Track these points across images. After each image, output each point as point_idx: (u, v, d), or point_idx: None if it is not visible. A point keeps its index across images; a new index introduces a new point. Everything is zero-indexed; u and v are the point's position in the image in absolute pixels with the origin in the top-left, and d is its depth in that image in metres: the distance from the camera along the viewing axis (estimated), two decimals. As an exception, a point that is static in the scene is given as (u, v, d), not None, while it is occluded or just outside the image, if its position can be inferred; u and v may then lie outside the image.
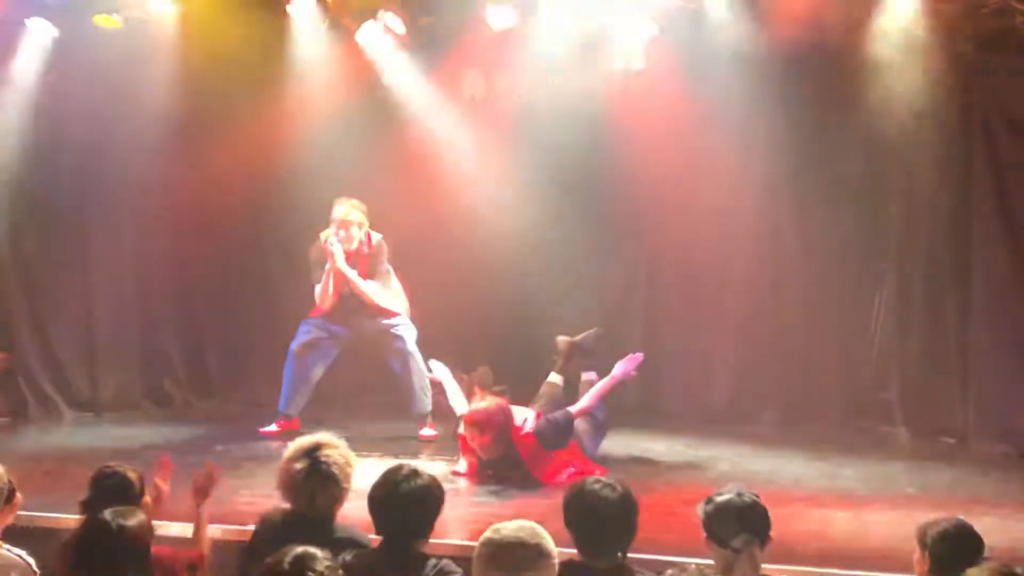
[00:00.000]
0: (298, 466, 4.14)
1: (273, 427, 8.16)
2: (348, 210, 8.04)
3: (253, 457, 7.41)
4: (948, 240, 8.06)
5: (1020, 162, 7.73)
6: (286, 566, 3.08)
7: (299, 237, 9.33)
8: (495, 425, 6.65)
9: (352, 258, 8.10)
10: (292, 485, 4.14)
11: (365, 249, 8.14)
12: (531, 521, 3.47)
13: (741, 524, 3.77)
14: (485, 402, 6.85)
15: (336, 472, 4.14)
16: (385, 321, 8.18)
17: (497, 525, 3.41)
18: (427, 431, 8.15)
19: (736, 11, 8.15)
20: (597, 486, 3.86)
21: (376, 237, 8.18)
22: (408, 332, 8.23)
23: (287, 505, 4.23)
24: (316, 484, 4.11)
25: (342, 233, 8.03)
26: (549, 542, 3.39)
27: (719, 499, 3.86)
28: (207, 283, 9.51)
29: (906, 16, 7.76)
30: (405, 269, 8.73)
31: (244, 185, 9.26)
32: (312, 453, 4.17)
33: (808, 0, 7.86)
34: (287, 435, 7.39)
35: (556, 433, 6.82)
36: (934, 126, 8.01)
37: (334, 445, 4.23)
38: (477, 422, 6.67)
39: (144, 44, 8.72)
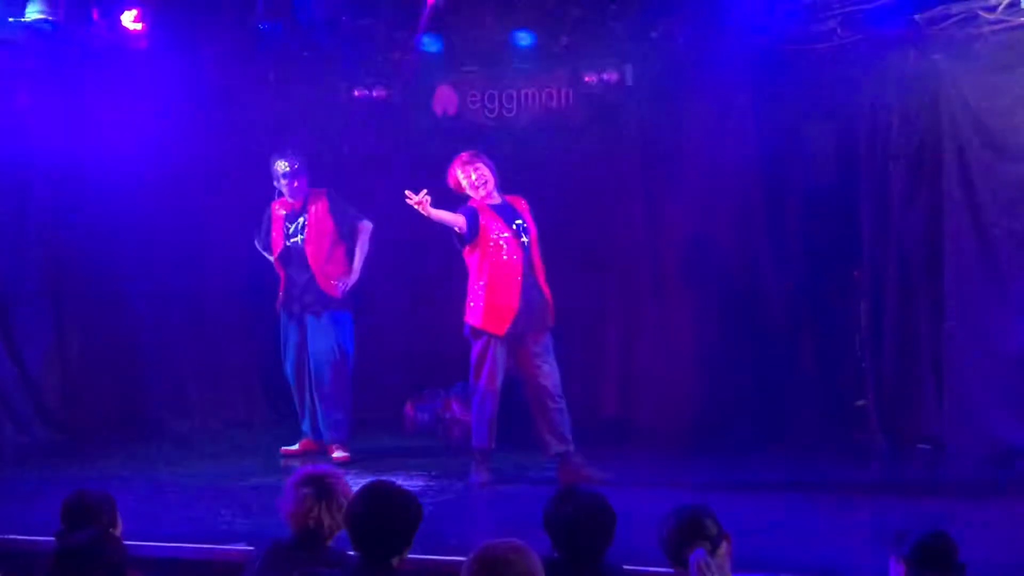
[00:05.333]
0: (305, 491, 4.23)
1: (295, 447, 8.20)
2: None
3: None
4: (921, 247, 8.10)
5: (990, 170, 7.76)
6: None
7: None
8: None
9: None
10: (300, 510, 4.21)
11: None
12: (522, 541, 3.47)
13: (692, 534, 3.68)
14: None
15: (342, 500, 4.22)
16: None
17: (487, 543, 3.41)
18: (339, 453, 8.05)
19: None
20: (584, 493, 4.04)
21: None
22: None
23: (288, 528, 4.28)
24: (323, 509, 4.20)
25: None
26: (538, 565, 3.39)
27: (666, 520, 3.76)
28: (183, 303, 9.46)
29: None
30: (391, 284, 8.72)
31: (219, 205, 9.24)
32: (320, 480, 4.26)
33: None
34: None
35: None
36: (905, 134, 8.07)
37: (338, 475, 4.36)
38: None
39: (120, 63, 8.69)
